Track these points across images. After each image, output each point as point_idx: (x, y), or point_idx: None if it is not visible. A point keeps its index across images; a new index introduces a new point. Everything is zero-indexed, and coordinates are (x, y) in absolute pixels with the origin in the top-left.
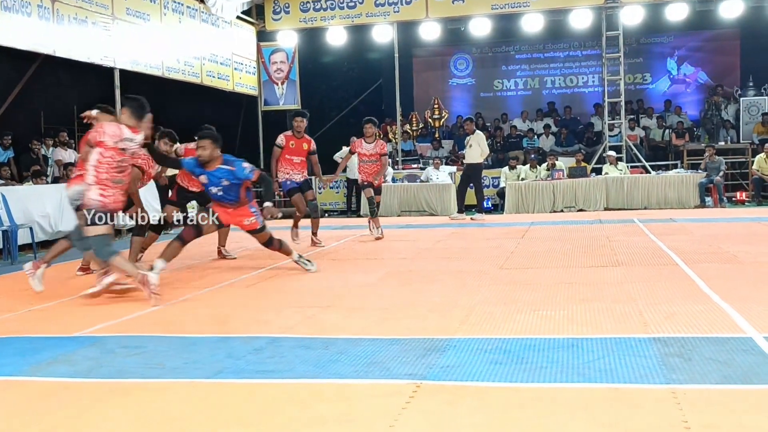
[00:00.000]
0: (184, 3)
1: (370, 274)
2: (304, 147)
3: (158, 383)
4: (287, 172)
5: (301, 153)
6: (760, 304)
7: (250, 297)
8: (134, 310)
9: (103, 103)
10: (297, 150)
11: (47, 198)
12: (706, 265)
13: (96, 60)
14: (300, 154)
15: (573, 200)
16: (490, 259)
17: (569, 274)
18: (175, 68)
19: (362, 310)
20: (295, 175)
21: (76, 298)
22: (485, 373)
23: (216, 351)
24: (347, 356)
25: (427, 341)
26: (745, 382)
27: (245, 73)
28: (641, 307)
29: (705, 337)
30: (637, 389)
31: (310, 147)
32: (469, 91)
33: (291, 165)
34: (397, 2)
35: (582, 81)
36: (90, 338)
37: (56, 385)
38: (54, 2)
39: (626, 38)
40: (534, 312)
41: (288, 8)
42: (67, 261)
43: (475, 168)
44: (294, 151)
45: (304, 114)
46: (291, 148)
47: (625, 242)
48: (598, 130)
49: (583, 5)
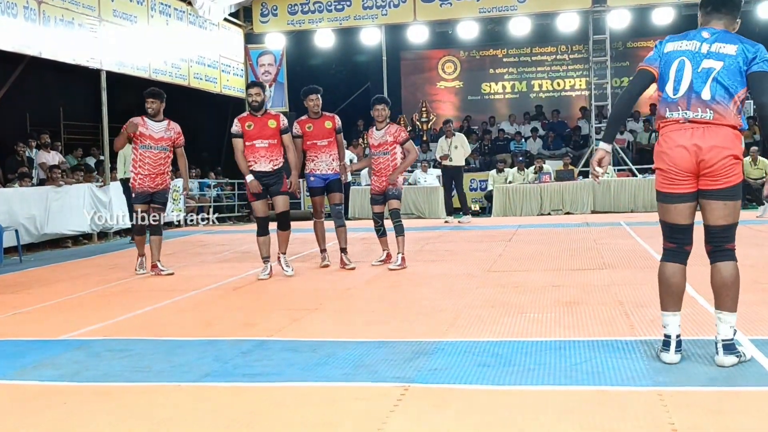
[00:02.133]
0: (171, 5)
1: (358, 277)
2: (327, 125)
3: (144, 386)
4: (311, 160)
5: (326, 133)
6: (744, 307)
7: (237, 300)
8: (121, 313)
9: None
10: (318, 132)
11: (33, 200)
12: (693, 268)
13: (82, 62)
14: (325, 135)
15: (560, 203)
16: (477, 262)
17: (556, 276)
18: (162, 70)
19: (350, 313)
20: (321, 164)
21: (62, 301)
22: (473, 376)
23: (203, 354)
24: (335, 359)
25: (415, 344)
26: (732, 384)
27: (233, 76)
28: (628, 310)
29: (691, 339)
30: (624, 391)
31: (335, 124)
32: (457, 94)
33: (316, 151)
34: (385, 5)
35: (569, 84)
36: (76, 341)
37: (42, 388)
38: (40, 4)
39: (613, 42)
40: (521, 315)
41: (276, 11)
42: (55, 263)
43: (460, 170)
44: (314, 134)
45: (317, 90)
46: (309, 132)
47: (612, 245)
48: (585, 133)
49: (570, 9)
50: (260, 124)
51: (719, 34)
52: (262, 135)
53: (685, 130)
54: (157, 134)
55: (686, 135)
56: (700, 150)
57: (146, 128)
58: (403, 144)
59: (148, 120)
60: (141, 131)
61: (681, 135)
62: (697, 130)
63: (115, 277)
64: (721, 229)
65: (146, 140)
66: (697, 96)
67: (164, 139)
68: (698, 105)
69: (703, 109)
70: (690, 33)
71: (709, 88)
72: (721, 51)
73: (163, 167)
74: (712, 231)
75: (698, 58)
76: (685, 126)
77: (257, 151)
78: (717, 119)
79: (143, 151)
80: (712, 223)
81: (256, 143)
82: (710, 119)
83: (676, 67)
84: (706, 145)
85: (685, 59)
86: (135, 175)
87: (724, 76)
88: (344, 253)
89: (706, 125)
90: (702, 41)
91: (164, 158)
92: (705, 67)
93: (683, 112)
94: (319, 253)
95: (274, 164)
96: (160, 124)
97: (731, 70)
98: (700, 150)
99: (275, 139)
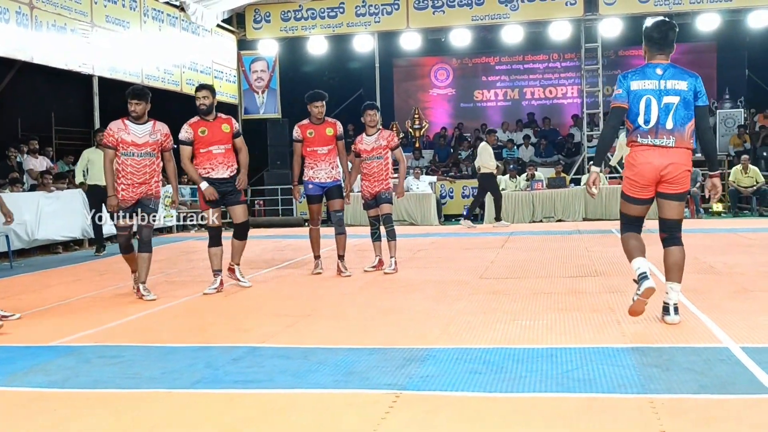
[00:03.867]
0: (164, 11)
1: (351, 284)
2: (328, 132)
3: (135, 393)
4: (311, 168)
5: (327, 141)
6: (736, 315)
7: (229, 306)
8: (112, 319)
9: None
10: (319, 138)
11: (24, 206)
12: (683, 275)
13: (74, 67)
14: (326, 143)
15: (552, 210)
16: (469, 268)
17: (548, 283)
18: (154, 76)
19: (342, 320)
20: (321, 173)
21: (53, 307)
22: (465, 383)
23: (194, 360)
24: (327, 366)
25: (407, 351)
26: (722, 392)
27: (225, 82)
28: (619, 317)
29: (682, 347)
30: (615, 399)
31: (336, 130)
32: (450, 102)
33: (315, 158)
34: (378, 12)
35: (561, 92)
36: (67, 348)
37: (32, 395)
38: (32, 9)
39: (605, 50)
40: (513, 322)
41: (269, 17)
42: (46, 269)
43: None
44: (316, 141)
45: (324, 96)
46: (310, 137)
47: (604, 252)
48: (577, 141)
49: (562, 17)
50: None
51: (669, 70)
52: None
53: (653, 151)
54: (140, 139)
55: (654, 155)
56: (664, 167)
57: (128, 133)
58: (394, 149)
59: (130, 123)
60: (122, 137)
61: (649, 155)
62: (662, 151)
63: (106, 283)
64: (675, 221)
65: (128, 147)
66: (663, 126)
67: (149, 144)
68: (663, 133)
69: (667, 136)
70: (646, 71)
71: (671, 119)
72: (676, 87)
73: (148, 176)
74: (668, 223)
75: (660, 95)
76: (653, 149)
77: (215, 158)
78: (677, 144)
79: (124, 159)
80: (668, 217)
81: (212, 149)
82: (672, 145)
83: (644, 104)
84: (669, 162)
85: (651, 97)
86: (117, 185)
87: (681, 110)
88: (341, 260)
89: (669, 148)
90: (659, 79)
91: (149, 165)
92: (666, 102)
93: (652, 140)
94: (313, 259)
95: (230, 170)
96: (143, 127)
97: (686, 103)
98: (664, 167)
99: (229, 144)
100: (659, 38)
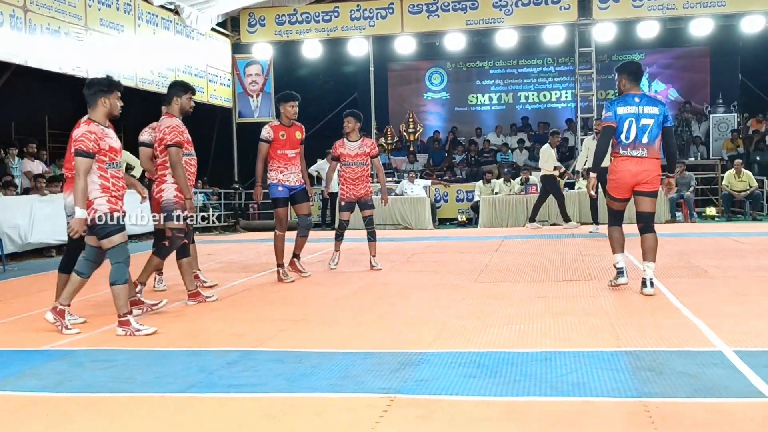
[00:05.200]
0: (158, 14)
1: (345, 288)
2: (297, 136)
3: (128, 397)
4: (281, 171)
5: (295, 144)
6: (729, 319)
7: (223, 310)
8: (105, 323)
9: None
10: (290, 141)
11: (17, 209)
12: (677, 280)
13: (68, 70)
14: (295, 146)
15: (546, 215)
16: (464, 272)
17: (542, 287)
18: (148, 79)
19: (336, 324)
20: (291, 176)
21: (45, 310)
22: (459, 387)
23: (188, 365)
24: (321, 370)
25: (401, 355)
26: (716, 396)
27: (220, 85)
28: (613, 321)
29: (676, 351)
30: (609, 402)
31: (303, 134)
32: (444, 105)
33: (285, 161)
34: (372, 16)
35: (555, 96)
36: (59, 352)
37: (24, 399)
38: (26, 12)
39: (598, 55)
40: (507, 326)
41: (263, 21)
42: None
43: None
44: (286, 144)
45: (298, 97)
46: (282, 140)
47: (598, 256)
48: (571, 145)
49: (556, 22)
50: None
51: (644, 98)
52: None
53: (631, 160)
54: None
55: (631, 164)
56: (639, 172)
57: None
58: (374, 158)
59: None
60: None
61: (628, 164)
62: (638, 161)
63: (99, 288)
64: (649, 213)
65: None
66: (639, 141)
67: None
68: (639, 147)
69: (641, 149)
70: (627, 99)
71: (647, 136)
72: (650, 112)
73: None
74: (643, 215)
75: (639, 118)
76: (631, 159)
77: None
78: (649, 155)
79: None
80: (643, 210)
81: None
82: (645, 156)
83: (627, 125)
84: (642, 169)
85: (632, 119)
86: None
87: (654, 129)
88: (298, 258)
89: (643, 159)
90: (637, 105)
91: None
92: (643, 123)
93: (631, 152)
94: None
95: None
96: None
97: (657, 124)
98: (639, 172)
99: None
100: (636, 73)
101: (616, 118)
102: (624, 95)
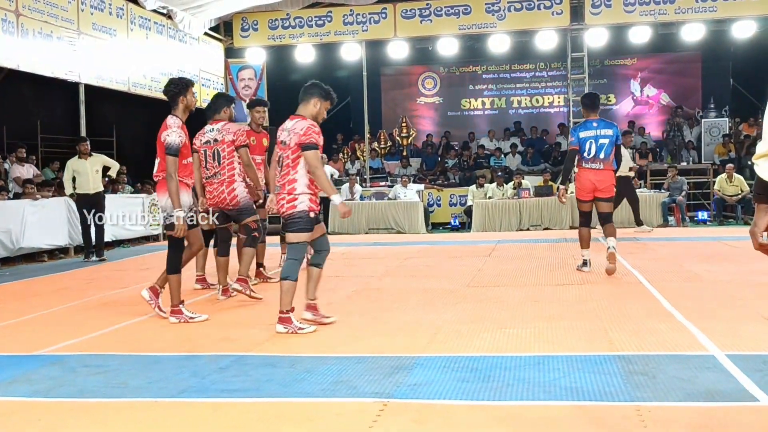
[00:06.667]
0: (151, 18)
1: (338, 292)
2: (264, 143)
3: (120, 402)
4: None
5: (262, 150)
6: (721, 323)
7: (215, 314)
8: (97, 328)
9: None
10: (258, 147)
11: (9, 214)
12: (669, 284)
13: (61, 75)
14: (261, 152)
15: (539, 219)
16: (457, 277)
17: (535, 292)
18: (141, 84)
19: (329, 328)
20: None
21: (37, 315)
22: (452, 392)
23: (180, 369)
24: (314, 375)
25: (395, 359)
26: (708, 400)
27: (213, 90)
28: (606, 325)
29: (669, 355)
30: (602, 406)
31: (269, 141)
32: (437, 110)
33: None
34: (365, 21)
35: (548, 101)
36: (51, 357)
37: (16, 404)
38: (18, 16)
39: (591, 60)
40: (501, 330)
41: (256, 25)
42: (31, 278)
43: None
44: (256, 149)
45: (266, 103)
46: (253, 145)
47: (591, 261)
48: (564, 149)
49: (548, 27)
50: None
51: (600, 123)
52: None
53: (591, 171)
54: None
55: (591, 174)
56: (597, 181)
57: None
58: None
59: None
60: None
61: (589, 174)
62: (596, 172)
63: (92, 292)
64: (607, 213)
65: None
66: (597, 156)
67: None
68: (597, 161)
69: (599, 163)
70: (587, 125)
71: (603, 152)
72: (605, 134)
73: None
74: (603, 215)
75: (597, 138)
76: (591, 170)
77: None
78: (605, 167)
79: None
80: (602, 211)
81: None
82: (602, 168)
83: (588, 145)
84: (599, 178)
85: (592, 141)
86: None
87: (608, 147)
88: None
89: (600, 170)
90: (595, 129)
91: None
92: (600, 143)
93: (591, 164)
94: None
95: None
96: None
97: (611, 143)
98: (597, 181)
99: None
100: (590, 103)
101: (579, 142)
102: (585, 121)
